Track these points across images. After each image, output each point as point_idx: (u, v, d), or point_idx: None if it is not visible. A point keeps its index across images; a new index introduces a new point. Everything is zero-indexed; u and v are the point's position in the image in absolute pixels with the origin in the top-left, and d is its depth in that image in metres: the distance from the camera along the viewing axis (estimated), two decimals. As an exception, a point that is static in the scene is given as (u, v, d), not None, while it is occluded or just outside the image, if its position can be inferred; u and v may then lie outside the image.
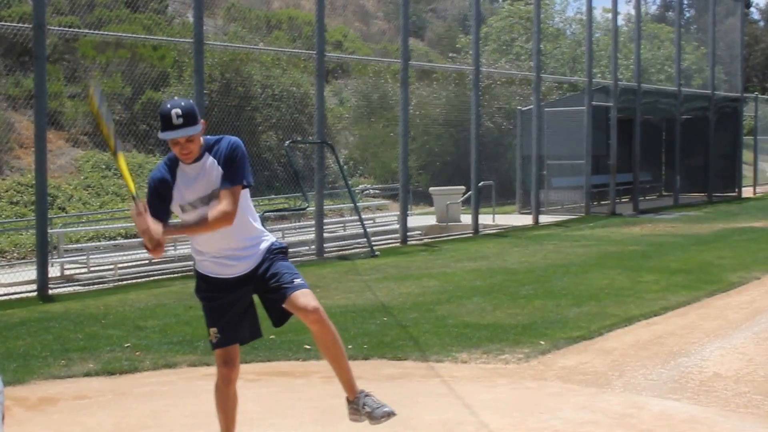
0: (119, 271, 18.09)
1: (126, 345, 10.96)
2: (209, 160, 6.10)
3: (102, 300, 14.53)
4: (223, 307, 6.29)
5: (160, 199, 6.13)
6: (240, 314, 6.35)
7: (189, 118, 5.91)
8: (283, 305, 6.25)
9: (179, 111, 5.90)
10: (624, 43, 43.92)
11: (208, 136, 6.21)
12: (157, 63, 31.04)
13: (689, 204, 35.39)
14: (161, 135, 5.93)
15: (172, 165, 6.17)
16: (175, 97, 6.14)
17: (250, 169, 6.21)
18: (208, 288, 6.33)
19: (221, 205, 6.00)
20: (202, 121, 6.03)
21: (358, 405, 6.43)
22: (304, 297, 6.19)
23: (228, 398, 6.40)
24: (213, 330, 6.29)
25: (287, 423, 7.73)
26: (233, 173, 6.06)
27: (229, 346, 6.31)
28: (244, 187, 6.14)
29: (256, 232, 6.34)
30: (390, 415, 6.37)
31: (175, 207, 6.18)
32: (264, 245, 6.33)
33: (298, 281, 6.25)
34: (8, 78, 27.80)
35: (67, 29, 20.41)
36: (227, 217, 5.98)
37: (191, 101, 6.08)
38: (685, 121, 36.55)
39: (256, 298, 6.44)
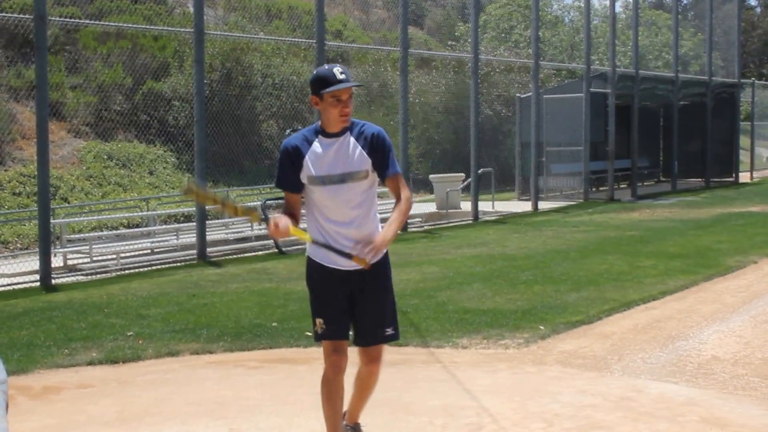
0: (122, 261, 18.11)
1: (129, 333, 11.01)
2: (350, 139, 6.09)
3: (105, 289, 14.56)
4: (334, 299, 6.24)
5: (293, 167, 6.13)
6: (346, 311, 6.29)
7: (348, 76, 6.02)
8: (362, 344, 6.37)
9: (339, 68, 6.00)
10: (622, 30, 43.98)
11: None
12: (158, 53, 31.05)
13: (687, 189, 35.45)
14: (329, 89, 5.93)
15: (309, 137, 6.15)
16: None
17: None
18: (322, 278, 6.26)
19: (404, 192, 6.15)
20: None
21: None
22: (380, 352, 6.38)
23: (339, 388, 6.28)
24: (319, 320, 6.21)
25: (289, 409, 7.75)
26: (392, 161, 6.13)
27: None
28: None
29: (377, 225, 6.30)
30: None
31: (303, 178, 6.14)
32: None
33: (389, 332, 6.34)
34: (10, 69, 27.80)
35: (68, 20, 20.44)
36: (411, 204, 6.20)
37: None
38: (682, 107, 36.63)
39: None
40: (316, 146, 6.10)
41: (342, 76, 5.94)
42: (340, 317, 6.20)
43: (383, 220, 6.13)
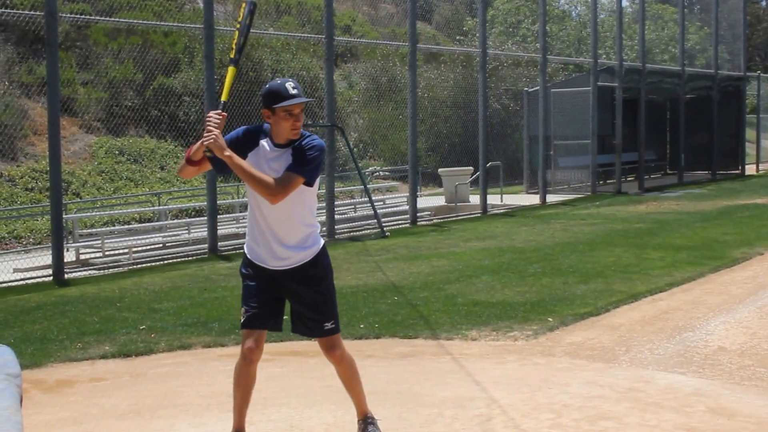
0: (134, 255, 18.18)
1: (141, 327, 11.07)
2: (290, 152, 6.20)
3: (117, 283, 14.65)
4: (258, 290, 6.38)
5: (234, 147, 6.15)
6: (271, 303, 6.43)
7: (299, 91, 6.16)
8: (308, 335, 6.66)
9: (292, 83, 6.15)
10: (629, 24, 43.88)
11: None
12: (168, 49, 31.10)
13: (693, 182, 35.51)
14: (282, 104, 6.08)
15: (259, 134, 6.31)
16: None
17: (319, 172, 6.30)
18: (251, 270, 6.41)
19: (277, 179, 6.05)
20: None
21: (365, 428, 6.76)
22: (332, 342, 6.49)
23: (247, 378, 6.46)
24: (243, 309, 6.39)
25: (300, 402, 7.79)
26: (301, 163, 6.13)
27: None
28: (305, 183, 6.19)
29: (309, 231, 6.38)
30: None
31: None
32: (311, 253, 6.38)
33: (329, 326, 6.45)
34: (21, 66, 27.86)
35: (78, 16, 20.54)
36: (272, 192, 6.03)
37: None
38: (689, 101, 36.64)
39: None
40: (258, 147, 6.25)
41: (294, 92, 6.12)
42: (261, 309, 6.37)
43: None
